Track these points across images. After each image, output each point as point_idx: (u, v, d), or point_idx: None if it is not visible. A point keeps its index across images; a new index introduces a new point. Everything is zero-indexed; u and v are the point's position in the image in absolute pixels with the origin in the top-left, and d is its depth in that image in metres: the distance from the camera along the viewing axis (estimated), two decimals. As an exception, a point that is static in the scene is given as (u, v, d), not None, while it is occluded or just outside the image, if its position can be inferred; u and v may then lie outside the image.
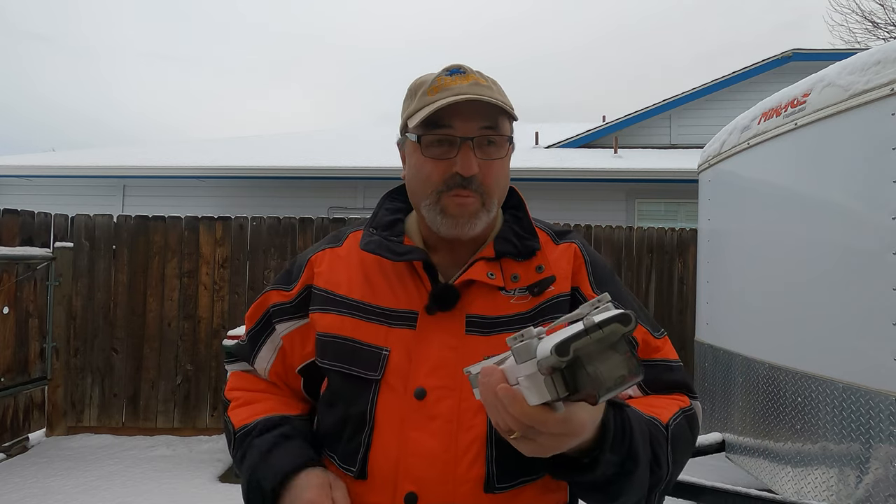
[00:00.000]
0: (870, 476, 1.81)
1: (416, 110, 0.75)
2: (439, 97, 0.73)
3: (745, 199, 2.72)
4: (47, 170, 7.26)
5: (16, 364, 3.62)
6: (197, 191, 7.39)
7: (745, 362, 2.64)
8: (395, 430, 0.69)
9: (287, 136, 10.94)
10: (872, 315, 1.84)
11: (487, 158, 0.75)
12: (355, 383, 0.73)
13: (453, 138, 0.74)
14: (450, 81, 0.74)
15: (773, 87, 3.43)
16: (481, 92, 0.73)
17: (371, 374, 0.72)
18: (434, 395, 0.69)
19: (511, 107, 0.78)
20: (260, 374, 0.87)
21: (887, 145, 1.81)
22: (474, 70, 0.77)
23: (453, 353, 0.71)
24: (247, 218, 4.25)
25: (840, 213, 2.03)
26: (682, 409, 0.74)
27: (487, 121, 0.74)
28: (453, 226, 0.75)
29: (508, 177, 0.81)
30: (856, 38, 12.04)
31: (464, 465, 0.66)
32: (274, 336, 0.84)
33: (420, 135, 0.75)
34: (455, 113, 0.73)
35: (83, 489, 3.10)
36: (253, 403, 0.84)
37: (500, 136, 0.76)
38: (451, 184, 0.74)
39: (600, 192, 6.99)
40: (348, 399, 0.74)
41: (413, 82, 0.81)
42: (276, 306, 0.84)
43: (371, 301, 0.77)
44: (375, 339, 0.74)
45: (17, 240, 3.62)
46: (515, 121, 0.80)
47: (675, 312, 4.45)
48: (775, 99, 2.51)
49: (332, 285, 0.80)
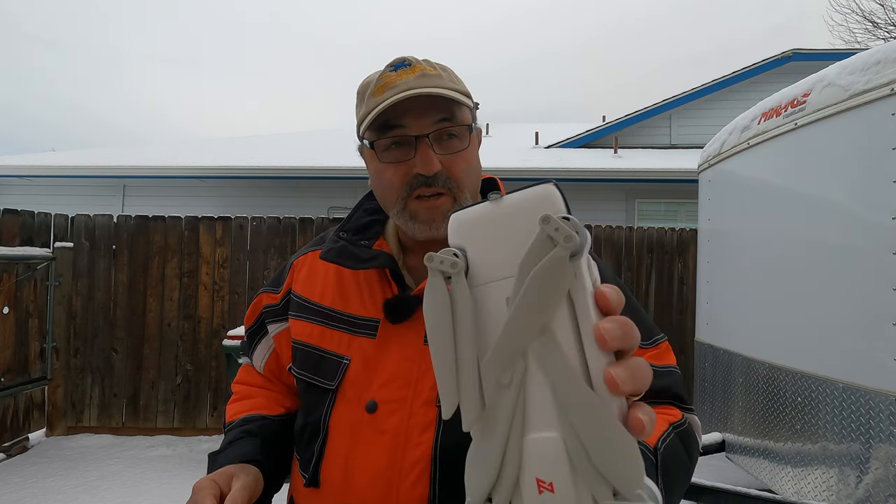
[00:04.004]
0: (870, 476, 1.81)
1: (365, 114, 0.70)
2: (385, 97, 0.67)
3: (746, 199, 2.72)
4: (47, 170, 7.26)
5: (16, 364, 3.62)
6: (197, 191, 7.39)
7: (745, 362, 2.64)
8: (346, 442, 0.68)
9: (287, 136, 10.94)
10: (872, 315, 1.84)
11: (449, 153, 0.70)
12: (315, 392, 0.72)
13: (408, 138, 0.69)
14: (395, 77, 0.69)
15: (773, 87, 3.43)
16: (429, 83, 0.68)
17: (329, 383, 0.71)
18: (385, 408, 0.67)
19: (465, 92, 0.73)
20: (257, 369, 0.89)
21: (887, 145, 1.81)
22: (421, 60, 0.72)
23: (411, 365, 0.68)
24: (247, 218, 4.25)
25: (840, 212, 2.03)
26: (673, 426, 0.64)
27: (442, 113, 0.69)
28: (426, 229, 0.70)
29: (479, 166, 0.76)
30: (856, 38, 12.06)
31: (408, 483, 0.64)
32: (267, 336, 0.85)
33: (373, 140, 0.71)
34: (406, 110, 0.68)
35: (83, 489, 3.10)
36: (246, 399, 0.85)
37: (459, 126, 0.70)
38: (415, 185, 0.69)
39: (600, 192, 6.99)
40: (308, 407, 0.74)
41: (360, 84, 0.75)
42: (267, 308, 0.84)
43: (340, 308, 0.75)
44: (338, 348, 0.72)
45: (17, 240, 3.62)
46: (475, 107, 0.75)
47: (675, 312, 4.45)
48: (775, 99, 2.51)
49: (308, 291, 0.78)
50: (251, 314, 0.87)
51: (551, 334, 0.31)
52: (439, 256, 0.33)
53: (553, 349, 0.30)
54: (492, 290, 0.33)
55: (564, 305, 0.30)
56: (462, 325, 0.32)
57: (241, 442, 0.74)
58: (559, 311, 0.31)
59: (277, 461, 0.77)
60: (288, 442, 0.79)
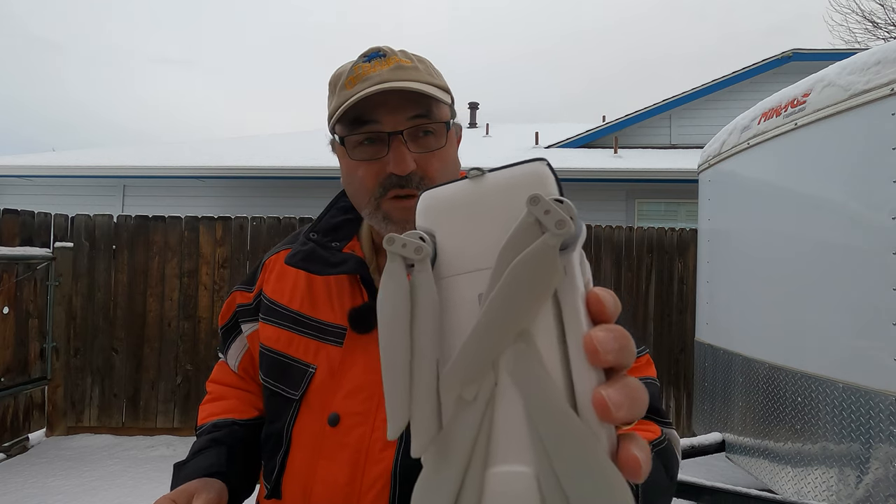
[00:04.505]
0: (870, 476, 1.81)
1: (336, 108, 0.66)
2: (357, 89, 0.63)
3: (746, 199, 2.72)
4: (47, 170, 7.26)
5: (16, 364, 3.62)
6: (197, 191, 7.39)
7: (745, 362, 2.64)
8: (308, 455, 0.65)
9: (287, 136, 10.93)
10: (872, 315, 1.84)
11: (424, 151, 0.65)
12: (279, 400, 0.69)
13: (381, 134, 0.64)
14: (368, 69, 0.64)
15: (773, 87, 3.43)
16: (405, 76, 0.64)
17: (293, 393, 0.68)
18: (347, 421, 0.64)
19: (444, 87, 0.69)
20: (232, 368, 0.86)
21: (887, 145, 1.81)
22: (397, 51, 0.68)
23: (376, 378, 0.64)
24: (247, 218, 4.25)
25: (840, 213, 2.03)
26: (652, 444, 0.59)
27: (418, 108, 0.65)
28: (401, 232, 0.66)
29: (458, 166, 0.71)
30: (856, 38, 12.05)
31: (367, 500, 0.61)
32: (241, 336, 0.82)
33: (344, 135, 0.67)
34: (379, 105, 0.63)
35: (83, 489, 3.10)
36: (219, 400, 0.83)
37: (436, 123, 0.66)
38: (388, 185, 0.65)
39: (600, 192, 6.98)
40: (272, 416, 0.71)
41: (333, 74, 0.70)
42: (240, 307, 0.82)
43: (309, 313, 0.71)
44: (305, 356, 0.69)
45: (17, 240, 3.62)
46: (451, 103, 0.70)
47: (675, 312, 4.45)
48: (775, 99, 2.51)
49: (277, 294, 0.75)
50: (225, 312, 0.85)
51: (530, 341, 0.25)
52: (402, 239, 0.27)
53: (531, 360, 0.24)
54: (463, 282, 0.27)
55: (549, 307, 0.25)
56: (422, 323, 0.26)
57: (207, 452, 0.72)
58: (543, 313, 0.25)
59: (246, 468, 0.74)
60: (258, 447, 0.76)
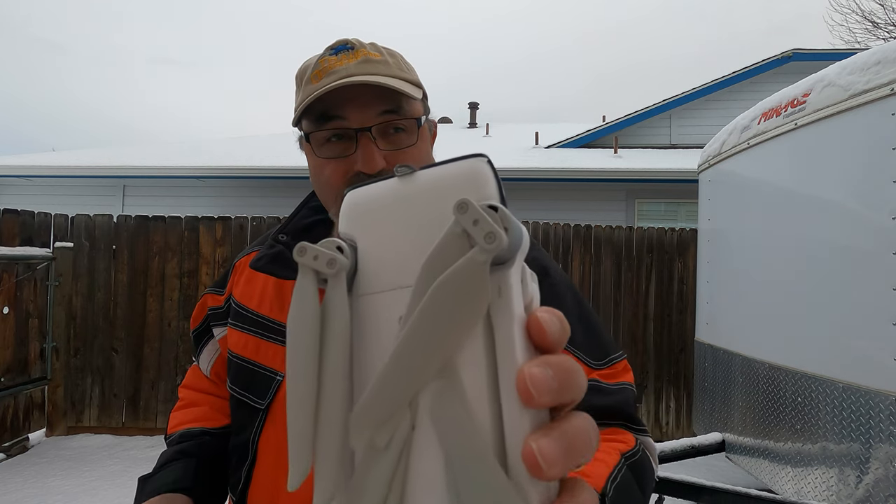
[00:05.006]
0: (870, 476, 1.81)
1: (300, 102, 0.63)
2: (323, 83, 0.61)
3: (746, 199, 2.73)
4: (47, 170, 7.26)
5: (16, 364, 3.62)
6: (197, 191, 7.39)
7: (745, 362, 2.64)
8: (274, 467, 0.63)
9: (287, 136, 10.93)
10: (872, 315, 1.84)
11: (394, 148, 0.63)
12: (245, 410, 0.67)
13: (348, 131, 0.62)
14: (335, 62, 0.62)
15: (773, 87, 3.43)
16: (372, 70, 0.61)
17: (259, 402, 0.66)
18: None
19: (415, 82, 0.66)
20: (204, 372, 0.84)
21: (887, 145, 1.81)
22: (366, 44, 0.65)
23: None
24: (247, 218, 4.25)
25: (840, 213, 2.03)
26: (625, 456, 0.54)
27: (387, 104, 0.62)
28: None
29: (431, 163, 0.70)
30: (856, 38, 12.06)
31: None
32: (213, 340, 0.81)
33: (310, 132, 0.64)
34: (346, 100, 0.61)
35: (83, 489, 3.10)
36: (190, 407, 0.81)
37: (407, 119, 0.63)
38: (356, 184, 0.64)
39: (600, 192, 6.98)
40: (237, 426, 0.69)
41: (299, 68, 0.67)
42: (211, 310, 0.80)
43: (278, 318, 0.68)
44: (273, 363, 0.66)
45: (17, 240, 3.62)
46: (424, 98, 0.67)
47: (675, 312, 4.45)
48: (775, 99, 2.51)
49: (246, 298, 0.72)
50: (197, 315, 0.83)
51: (454, 378, 0.20)
52: (314, 249, 0.23)
53: (454, 400, 0.20)
54: (383, 302, 0.23)
55: (480, 335, 0.21)
56: (332, 352, 0.22)
57: (173, 465, 0.69)
58: (471, 343, 0.21)
59: (216, 481, 0.72)
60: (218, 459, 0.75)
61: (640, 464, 0.56)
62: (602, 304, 4.39)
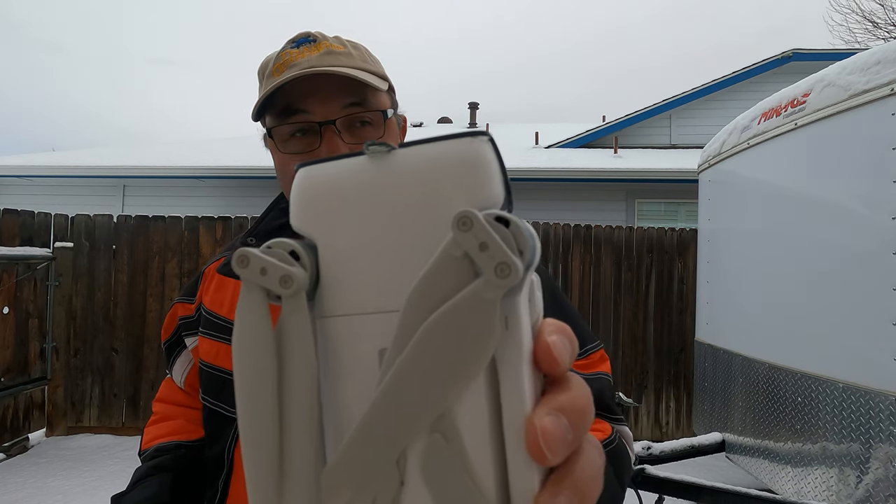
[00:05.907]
0: (870, 476, 1.81)
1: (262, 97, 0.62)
2: (283, 76, 0.59)
3: (746, 199, 2.73)
4: (47, 170, 7.26)
5: (16, 364, 3.62)
6: (197, 191, 7.39)
7: (745, 362, 2.64)
8: None
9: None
10: (872, 315, 1.84)
11: (361, 142, 0.60)
12: (218, 420, 0.65)
13: (312, 125, 0.61)
14: (296, 55, 0.61)
15: (773, 87, 3.43)
16: (334, 62, 0.60)
17: (232, 410, 0.63)
18: None
19: (380, 74, 0.64)
20: (178, 384, 0.82)
21: (887, 145, 1.81)
22: (330, 36, 0.64)
23: None
24: (247, 218, 4.25)
25: (840, 213, 2.03)
26: (603, 444, 0.54)
27: (352, 96, 0.61)
28: None
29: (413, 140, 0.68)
30: (856, 38, 12.05)
31: None
32: (186, 351, 0.79)
33: (272, 126, 0.63)
34: (309, 93, 0.59)
35: (83, 489, 3.10)
36: (164, 421, 0.79)
37: (373, 112, 0.62)
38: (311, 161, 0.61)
39: (600, 192, 6.98)
40: (211, 438, 0.67)
41: (261, 63, 0.66)
42: (182, 319, 0.77)
43: None
44: None
45: (17, 240, 3.62)
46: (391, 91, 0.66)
47: (675, 312, 4.45)
48: (775, 99, 2.51)
49: (216, 305, 0.70)
50: (168, 326, 0.81)
51: (452, 430, 0.17)
52: (261, 259, 0.18)
53: (451, 460, 0.17)
54: (356, 329, 0.18)
55: (482, 377, 0.17)
56: (294, 391, 0.18)
57: (148, 481, 0.67)
58: (471, 388, 0.17)
59: (193, 494, 0.70)
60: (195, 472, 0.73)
61: (617, 452, 0.56)
62: (602, 304, 4.39)
